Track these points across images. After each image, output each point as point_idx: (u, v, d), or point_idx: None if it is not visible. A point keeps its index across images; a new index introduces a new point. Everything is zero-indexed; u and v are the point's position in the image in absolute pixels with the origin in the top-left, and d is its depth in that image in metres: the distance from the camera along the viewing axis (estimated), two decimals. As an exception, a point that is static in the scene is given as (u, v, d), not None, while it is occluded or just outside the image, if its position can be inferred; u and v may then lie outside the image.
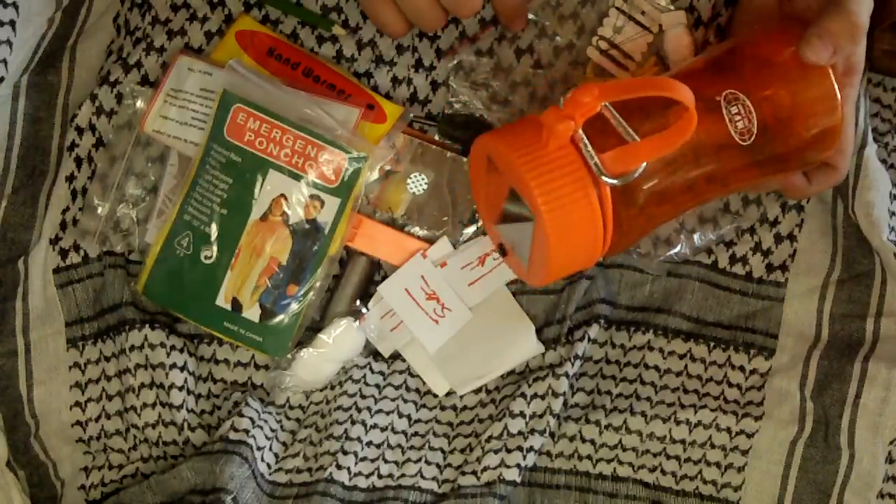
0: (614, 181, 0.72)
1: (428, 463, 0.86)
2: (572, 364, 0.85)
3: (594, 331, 0.86)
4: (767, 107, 0.75)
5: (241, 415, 0.84)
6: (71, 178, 0.87)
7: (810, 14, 0.76)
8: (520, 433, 0.84)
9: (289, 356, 0.85)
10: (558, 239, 0.73)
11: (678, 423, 0.85)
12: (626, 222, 0.75)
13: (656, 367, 0.87)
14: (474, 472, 0.84)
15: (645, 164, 0.72)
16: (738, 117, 0.75)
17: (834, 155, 0.78)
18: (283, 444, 0.86)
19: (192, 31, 0.88)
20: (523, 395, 0.85)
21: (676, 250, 0.86)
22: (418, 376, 0.88)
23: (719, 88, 0.75)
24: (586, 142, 0.72)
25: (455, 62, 0.87)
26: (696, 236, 0.86)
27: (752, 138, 0.75)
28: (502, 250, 0.84)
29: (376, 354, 0.88)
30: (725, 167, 0.77)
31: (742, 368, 0.86)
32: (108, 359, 0.87)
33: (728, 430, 0.85)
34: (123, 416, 0.86)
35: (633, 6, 0.87)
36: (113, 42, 0.89)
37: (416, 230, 0.87)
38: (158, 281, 0.84)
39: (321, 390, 0.87)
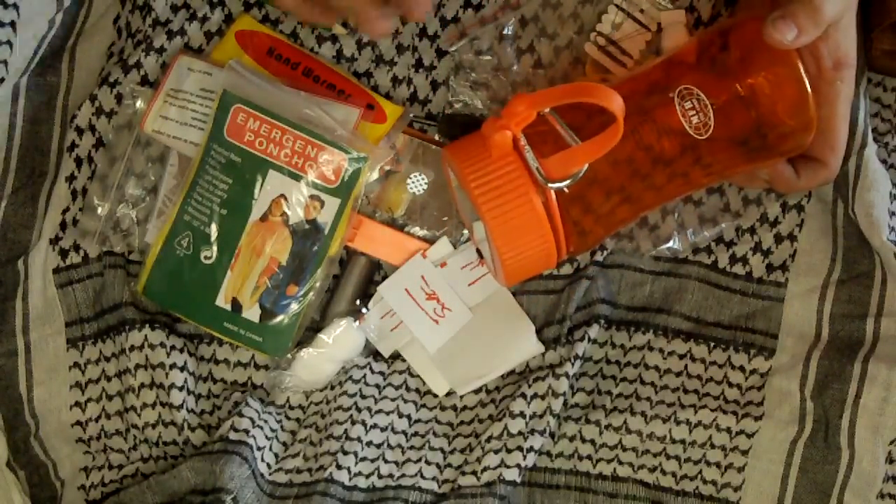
0: (556, 185, 0.74)
1: (428, 463, 0.86)
2: (572, 364, 0.85)
3: (594, 331, 0.86)
4: (734, 90, 0.75)
5: (241, 415, 0.84)
6: (71, 179, 0.87)
7: None
8: (520, 433, 0.84)
9: (289, 356, 0.85)
10: (505, 244, 0.76)
11: (678, 423, 0.85)
12: (585, 222, 0.76)
13: (656, 368, 0.87)
14: (474, 472, 0.84)
15: (586, 166, 0.74)
16: (692, 112, 0.75)
17: (823, 150, 0.78)
18: (284, 444, 0.86)
19: (192, 31, 0.88)
20: (523, 395, 0.85)
21: (669, 245, 0.86)
22: (418, 376, 0.88)
23: (674, 83, 0.76)
24: (528, 148, 0.74)
25: (455, 62, 0.87)
26: (689, 232, 0.86)
27: (709, 132, 0.75)
28: (479, 254, 0.86)
29: (376, 354, 0.88)
30: (687, 159, 0.77)
31: (742, 368, 0.86)
32: (108, 359, 0.87)
33: (728, 430, 0.85)
34: (123, 416, 0.86)
35: (632, 4, 0.87)
36: (113, 44, 0.89)
37: (416, 230, 0.87)
38: (158, 281, 0.84)
39: (321, 390, 0.87)
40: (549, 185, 0.74)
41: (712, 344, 0.87)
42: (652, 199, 0.79)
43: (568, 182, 0.74)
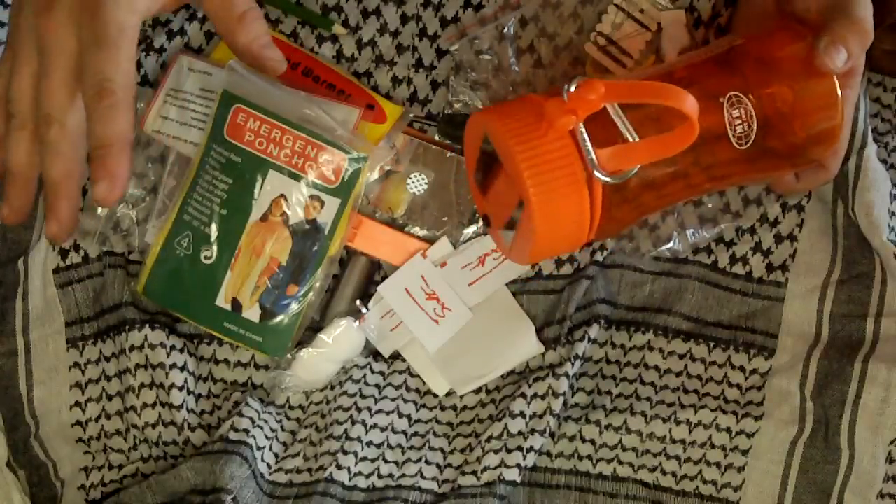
0: (608, 179, 0.72)
1: (428, 463, 0.86)
2: (572, 364, 0.85)
3: (594, 331, 0.86)
4: (769, 104, 0.75)
5: (241, 415, 0.84)
6: (70, 178, 0.87)
7: (808, 16, 0.76)
8: (520, 433, 0.84)
9: (288, 356, 0.85)
10: (545, 228, 0.74)
11: (678, 423, 0.85)
12: (615, 209, 0.75)
13: (656, 367, 0.87)
14: (474, 472, 0.84)
15: (638, 165, 0.73)
16: (738, 121, 0.75)
17: (825, 154, 0.78)
18: (283, 444, 0.86)
19: (192, 31, 0.88)
20: (523, 395, 0.85)
21: (669, 246, 0.86)
22: (418, 376, 0.88)
23: (722, 87, 0.75)
24: (585, 137, 0.72)
25: (455, 62, 0.87)
26: (689, 232, 0.86)
27: (749, 143, 0.75)
28: (486, 221, 0.84)
29: (376, 354, 0.88)
30: (721, 164, 0.77)
31: (742, 368, 0.86)
32: (108, 359, 0.87)
33: (728, 430, 0.85)
34: (123, 416, 0.86)
35: (632, 4, 0.87)
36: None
37: (417, 230, 0.87)
38: (158, 281, 0.84)
39: (321, 390, 0.87)
40: (603, 177, 0.72)
41: (712, 344, 0.87)
42: (682, 195, 0.79)
43: (620, 178, 0.72)
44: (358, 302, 0.86)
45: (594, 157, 0.72)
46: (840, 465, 0.84)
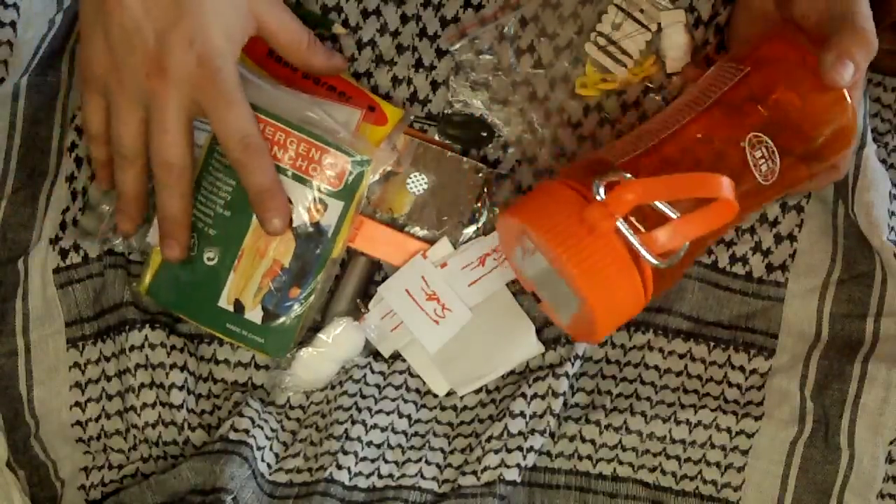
0: (660, 264, 0.72)
1: (428, 463, 0.86)
2: (572, 364, 0.85)
3: (594, 331, 0.86)
4: (782, 118, 0.75)
5: (241, 415, 0.84)
6: (71, 179, 0.87)
7: (806, 23, 0.76)
8: (520, 433, 0.84)
9: (288, 355, 0.85)
10: (606, 318, 0.75)
11: (678, 422, 0.86)
12: (668, 272, 0.75)
13: (656, 367, 0.87)
14: (474, 472, 0.84)
15: (687, 243, 0.73)
16: (762, 161, 0.75)
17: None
18: (284, 444, 0.86)
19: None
20: (523, 395, 0.85)
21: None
22: (418, 376, 0.88)
23: (740, 131, 0.75)
24: (630, 233, 0.71)
25: (455, 62, 0.87)
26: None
27: (775, 178, 0.76)
28: (536, 298, 0.84)
29: (377, 354, 0.88)
30: (752, 199, 0.77)
31: (742, 368, 0.87)
32: (107, 359, 0.87)
33: (728, 430, 0.85)
34: (123, 416, 0.86)
35: (631, 3, 0.87)
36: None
37: (417, 230, 0.87)
38: (162, 282, 0.84)
39: (321, 390, 0.87)
40: (654, 261, 0.72)
41: (712, 344, 0.87)
42: (723, 232, 0.81)
43: (671, 261, 0.72)
44: (358, 302, 0.86)
45: (642, 248, 0.71)
46: (840, 465, 0.84)
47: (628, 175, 0.72)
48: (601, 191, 0.71)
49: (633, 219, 0.72)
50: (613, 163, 0.75)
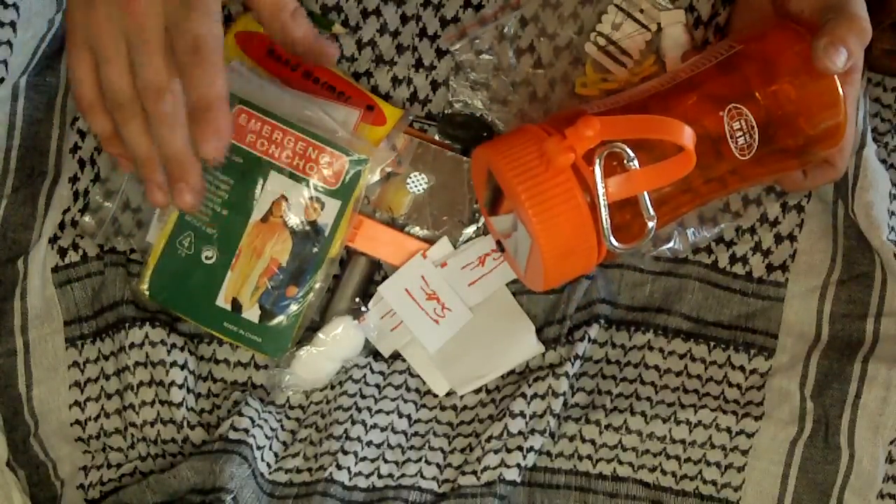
0: (621, 248, 0.73)
1: (428, 463, 0.86)
2: (572, 364, 0.85)
3: (594, 331, 0.86)
4: (773, 103, 0.75)
5: (240, 414, 0.84)
6: (74, 180, 0.87)
7: (802, 17, 0.76)
8: (520, 433, 0.84)
9: (287, 355, 0.85)
10: (553, 260, 0.75)
11: (678, 422, 0.85)
12: (624, 228, 0.75)
13: (656, 367, 0.87)
14: (474, 472, 0.84)
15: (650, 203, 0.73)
16: (739, 133, 0.75)
17: (833, 152, 0.78)
18: (283, 443, 0.86)
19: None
20: (523, 395, 0.85)
21: (669, 245, 0.86)
22: (418, 376, 0.88)
23: (725, 91, 0.75)
24: (598, 172, 0.72)
25: (455, 62, 0.87)
26: (689, 232, 0.86)
27: (751, 154, 0.76)
28: (500, 246, 0.85)
29: (376, 354, 0.88)
30: (727, 173, 0.77)
31: (742, 368, 0.86)
32: (106, 357, 0.87)
33: (728, 430, 0.85)
34: (122, 415, 0.86)
35: (631, 4, 0.87)
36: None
37: (417, 230, 0.87)
38: (160, 280, 0.84)
39: (321, 390, 0.87)
40: (616, 245, 0.73)
41: (712, 344, 0.87)
42: (693, 206, 0.80)
43: (634, 248, 0.74)
44: (358, 301, 0.86)
45: (600, 186, 0.72)
46: (840, 465, 0.84)
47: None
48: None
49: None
50: (588, 111, 0.76)
